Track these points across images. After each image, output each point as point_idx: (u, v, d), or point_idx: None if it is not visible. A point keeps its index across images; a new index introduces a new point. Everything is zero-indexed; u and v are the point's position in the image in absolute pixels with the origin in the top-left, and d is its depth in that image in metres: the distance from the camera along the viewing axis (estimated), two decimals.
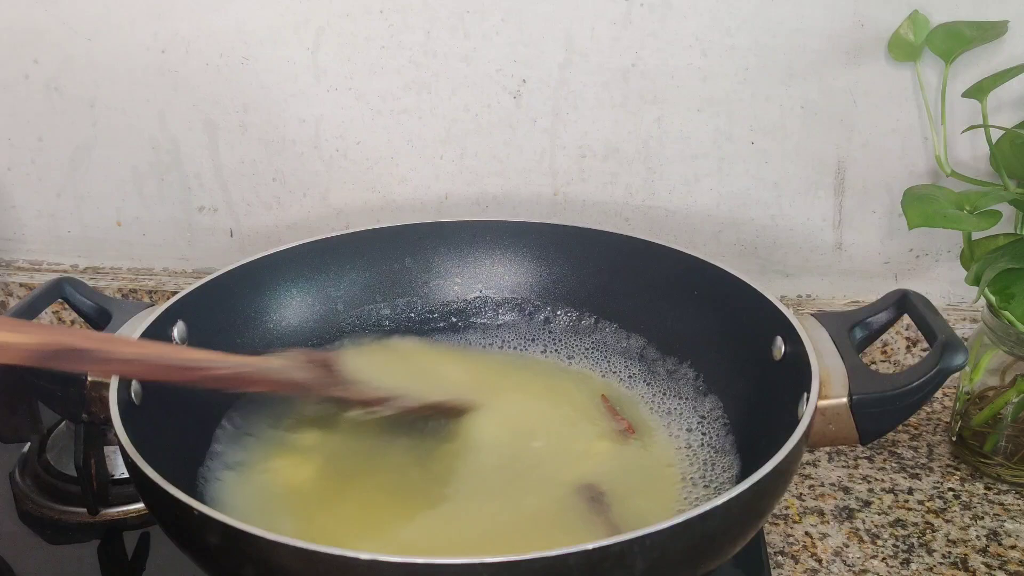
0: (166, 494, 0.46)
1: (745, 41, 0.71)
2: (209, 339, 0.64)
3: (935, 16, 0.68)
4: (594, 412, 0.65)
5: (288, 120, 0.80)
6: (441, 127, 0.78)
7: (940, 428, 0.72)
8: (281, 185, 0.82)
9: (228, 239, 0.86)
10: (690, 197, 0.77)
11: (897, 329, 0.75)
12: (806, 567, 0.60)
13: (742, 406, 0.62)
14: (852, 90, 0.71)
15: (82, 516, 0.65)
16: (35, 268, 0.91)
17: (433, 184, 0.80)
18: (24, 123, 0.84)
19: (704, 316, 0.67)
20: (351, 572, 0.41)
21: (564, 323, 0.73)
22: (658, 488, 0.58)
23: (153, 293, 0.86)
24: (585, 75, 0.74)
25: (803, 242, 0.77)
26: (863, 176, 0.74)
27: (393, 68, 0.76)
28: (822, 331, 0.58)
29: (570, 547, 0.41)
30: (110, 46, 0.79)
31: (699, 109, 0.74)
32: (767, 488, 0.47)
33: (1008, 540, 0.61)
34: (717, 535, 0.46)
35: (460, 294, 0.74)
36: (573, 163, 0.78)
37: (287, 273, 0.70)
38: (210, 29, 0.77)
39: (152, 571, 0.63)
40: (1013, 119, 0.69)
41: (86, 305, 0.62)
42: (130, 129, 0.82)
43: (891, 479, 0.67)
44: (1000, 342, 0.65)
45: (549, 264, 0.74)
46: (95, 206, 0.87)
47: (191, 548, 0.48)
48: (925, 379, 0.51)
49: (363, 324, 0.72)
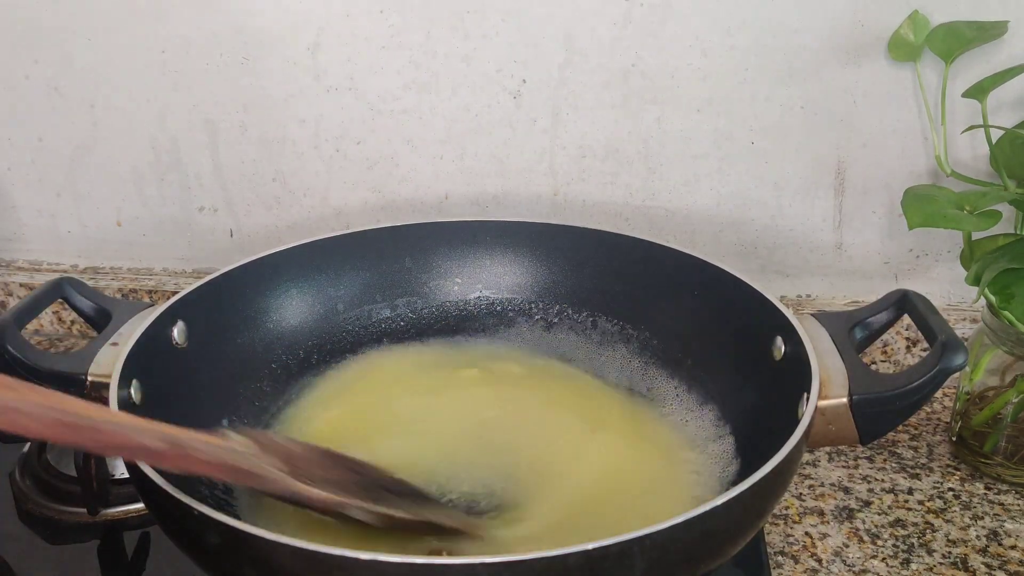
0: (166, 494, 0.45)
1: (745, 41, 0.71)
2: (209, 339, 0.64)
3: (935, 16, 0.68)
4: (592, 411, 0.65)
5: (288, 120, 0.80)
6: (441, 127, 0.78)
7: (940, 428, 0.72)
8: (281, 185, 0.82)
9: (228, 239, 0.86)
10: (690, 197, 0.77)
11: (897, 329, 0.75)
12: (806, 567, 0.60)
13: (742, 406, 0.62)
14: (852, 90, 0.71)
15: (82, 516, 0.65)
16: (35, 268, 0.91)
17: (433, 184, 0.80)
18: (24, 123, 0.84)
19: (704, 316, 0.67)
20: (351, 572, 0.41)
21: (564, 323, 0.73)
22: (658, 487, 0.58)
23: (153, 293, 0.86)
24: (585, 75, 0.74)
25: (803, 242, 0.77)
26: (863, 176, 0.74)
27: (393, 68, 0.76)
28: (822, 331, 0.58)
29: (570, 547, 0.41)
30: (110, 46, 0.79)
31: (699, 109, 0.74)
32: (767, 488, 0.47)
33: (1008, 540, 0.61)
34: (717, 535, 0.46)
35: (460, 294, 0.74)
36: (573, 163, 0.78)
37: (287, 273, 0.70)
38: (210, 29, 0.77)
39: (152, 571, 0.63)
40: (1013, 119, 0.69)
41: (86, 305, 0.62)
42: (130, 129, 0.82)
43: (891, 479, 0.67)
44: (1000, 342, 0.65)
45: (549, 264, 0.74)
46: (95, 206, 0.87)
47: (191, 548, 0.48)
48: (925, 379, 0.51)
49: (363, 324, 0.72)
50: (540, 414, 0.65)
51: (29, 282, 0.89)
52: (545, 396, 0.67)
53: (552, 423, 0.64)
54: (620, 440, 0.63)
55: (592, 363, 0.70)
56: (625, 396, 0.67)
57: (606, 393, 0.67)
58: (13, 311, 0.58)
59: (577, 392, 0.67)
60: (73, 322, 0.89)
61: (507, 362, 0.71)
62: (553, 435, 0.63)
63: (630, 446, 0.62)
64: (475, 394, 0.67)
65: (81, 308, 0.62)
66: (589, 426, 0.64)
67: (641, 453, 0.62)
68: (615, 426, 0.64)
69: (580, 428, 0.64)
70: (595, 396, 0.67)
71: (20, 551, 0.64)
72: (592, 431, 0.63)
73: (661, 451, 0.62)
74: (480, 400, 0.66)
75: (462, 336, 0.73)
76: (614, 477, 0.59)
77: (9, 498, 0.68)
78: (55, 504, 0.67)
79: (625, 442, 0.62)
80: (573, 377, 0.69)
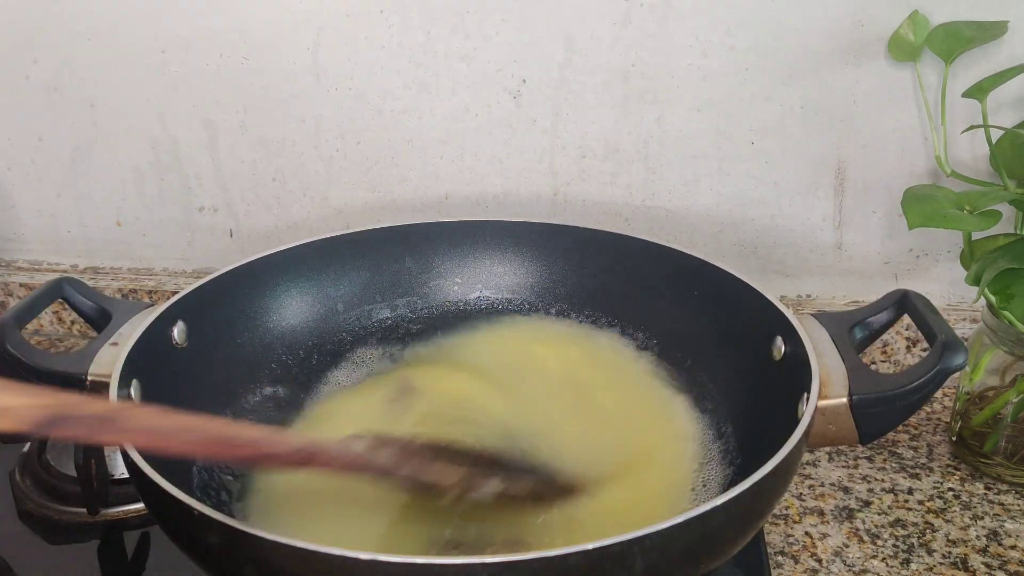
0: (166, 494, 0.46)
1: (745, 41, 0.71)
2: (209, 339, 0.64)
3: (935, 16, 0.68)
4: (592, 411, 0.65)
5: (288, 120, 0.80)
6: (441, 127, 0.78)
7: (940, 428, 0.72)
8: (281, 185, 0.82)
9: (228, 239, 0.86)
10: (690, 197, 0.77)
11: (897, 329, 0.75)
12: (806, 567, 0.60)
13: (742, 406, 0.62)
14: (852, 90, 0.71)
15: (82, 516, 0.65)
16: (35, 268, 0.91)
17: (433, 184, 0.80)
18: (24, 123, 0.84)
19: (704, 316, 0.67)
20: (351, 572, 0.41)
21: (564, 323, 0.73)
22: (659, 487, 0.58)
23: (153, 293, 0.86)
24: (585, 75, 0.74)
25: (803, 242, 0.77)
26: (863, 176, 0.74)
27: (393, 68, 0.76)
28: (822, 331, 0.58)
29: (570, 547, 0.41)
30: (110, 46, 0.79)
31: (699, 109, 0.74)
32: (767, 488, 0.47)
33: (1008, 540, 0.61)
34: (717, 535, 0.46)
35: (460, 294, 0.74)
36: (573, 163, 0.78)
37: (287, 273, 0.70)
38: (210, 29, 0.77)
39: (152, 571, 0.63)
40: (1013, 119, 0.69)
41: (86, 305, 0.62)
42: (130, 129, 0.82)
43: (891, 479, 0.67)
44: (1000, 342, 0.65)
45: (549, 264, 0.74)
46: (95, 206, 0.87)
47: (191, 548, 0.48)
48: (925, 379, 0.51)
49: (363, 324, 0.72)
50: (540, 413, 0.65)
51: (29, 282, 0.89)
52: (545, 395, 0.67)
53: (552, 422, 0.64)
54: (620, 440, 0.62)
55: (592, 363, 0.70)
56: (625, 396, 0.67)
57: (606, 393, 0.67)
58: (13, 311, 0.58)
59: (577, 392, 0.67)
60: (73, 322, 0.89)
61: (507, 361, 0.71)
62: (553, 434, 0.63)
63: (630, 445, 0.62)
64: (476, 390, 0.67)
65: (81, 308, 0.62)
66: (590, 426, 0.64)
67: (641, 452, 0.62)
68: (615, 425, 0.64)
69: (580, 428, 0.64)
70: (595, 396, 0.67)
71: (20, 551, 0.64)
72: (592, 431, 0.63)
73: (661, 451, 0.61)
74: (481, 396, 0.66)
75: (462, 336, 0.73)
76: (615, 476, 0.59)
77: (9, 498, 0.68)
78: (55, 504, 0.67)
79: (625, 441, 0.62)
80: (573, 376, 0.69)
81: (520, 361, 0.69)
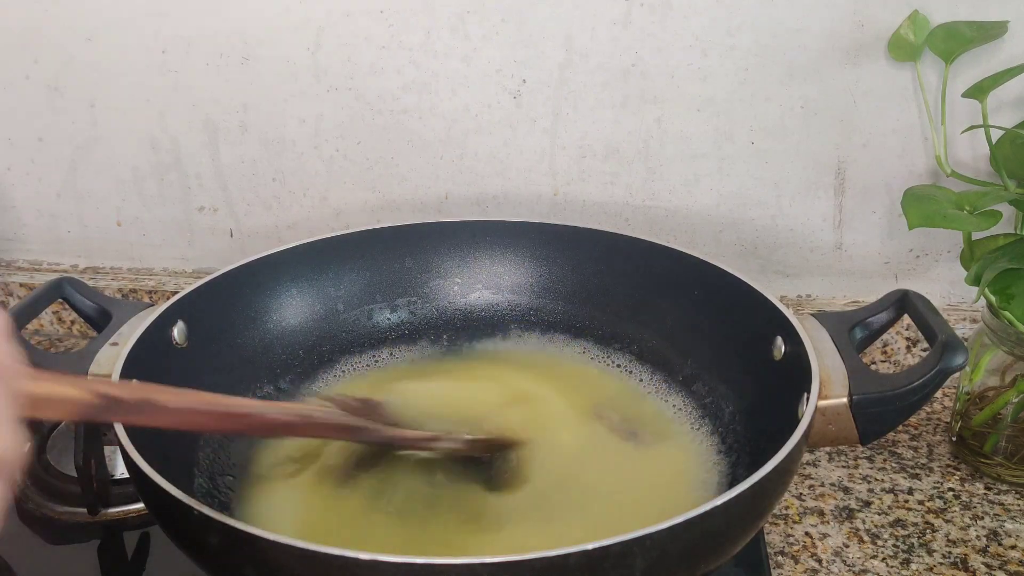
0: (166, 494, 0.46)
1: (745, 41, 0.71)
2: (209, 339, 0.64)
3: (935, 16, 0.68)
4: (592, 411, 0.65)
5: (288, 120, 0.80)
6: (441, 127, 0.78)
7: (940, 428, 0.72)
8: (281, 185, 0.82)
9: (228, 239, 0.86)
10: (690, 197, 0.77)
11: (897, 329, 0.75)
12: (806, 567, 0.60)
13: (742, 406, 0.62)
14: (852, 90, 0.71)
15: (82, 516, 0.65)
16: (35, 268, 0.91)
17: (433, 184, 0.80)
18: (24, 123, 0.84)
19: (704, 316, 0.67)
20: (351, 572, 0.41)
21: (563, 323, 0.73)
22: (659, 488, 0.58)
23: (153, 293, 0.86)
24: (585, 75, 0.74)
25: (803, 242, 0.77)
26: (863, 176, 0.74)
27: (393, 68, 0.76)
28: (822, 331, 0.58)
29: (570, 547, 0.41)
30: (110, 46, 0.79)
31: (699, 109, 0.74)
32: (767, 488, 0.47)
33: (1008, 540, 0.61)
34: (717, 535, 0.46)
35: (460, 294, 0.74)
36: (573, 163, 0.78)
37: (287, 273, 0.70)
38: (210, 29, 0.77)
39: (152, 571, 0.63)
40: (1013, 119, 0.69)
41: (86, 305, 0.62)
42: (130, 129, 0.82)
43: (891, 479, 0.67)
44: (1000, 342, 0.65)
45: (549, 264, 0.74)
46: (95, 206, 0.87)
47: (191, 548, 0.48)
48: (925, 379, 0.51)
49: (363, 324, 0.72)
50: (539, 413, 0.65)
51: (29, 282, 0.89)
52: (544, 395, 0.67)
53: (551, 422, 0.64)
54: (620, 439, 0.63)
55: (592, 363, 0.70)
56: (625, 396, 0.67)
57: (606, 393, 0.67)
58: (13, 311, 0.58)
59: (576, 392, 0.67)
60: (73, 322, 0.89)
61: (507, 362, 0.71)
62: (552, 435, 0.63)
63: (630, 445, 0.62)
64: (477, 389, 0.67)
65: (81, 308, 0.62)
66: (589, 425, 0.64)
67: (641, 452, 0.62)
68: (615, 425, 0.64)
69: (579, 427, 0.64)
70: (595, 396, 0.67)
71: (20, 551, 0.64)
72: (592, 430, 0.63)
73: (661, 450, 0.62)
74: (482, 394, 0.66)
75: (462, 336, 0.73)
76: (614, 476, 0.59)
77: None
78: (55, 504, 0.67)
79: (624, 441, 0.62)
80: (572, 377, 0.69)
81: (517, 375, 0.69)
